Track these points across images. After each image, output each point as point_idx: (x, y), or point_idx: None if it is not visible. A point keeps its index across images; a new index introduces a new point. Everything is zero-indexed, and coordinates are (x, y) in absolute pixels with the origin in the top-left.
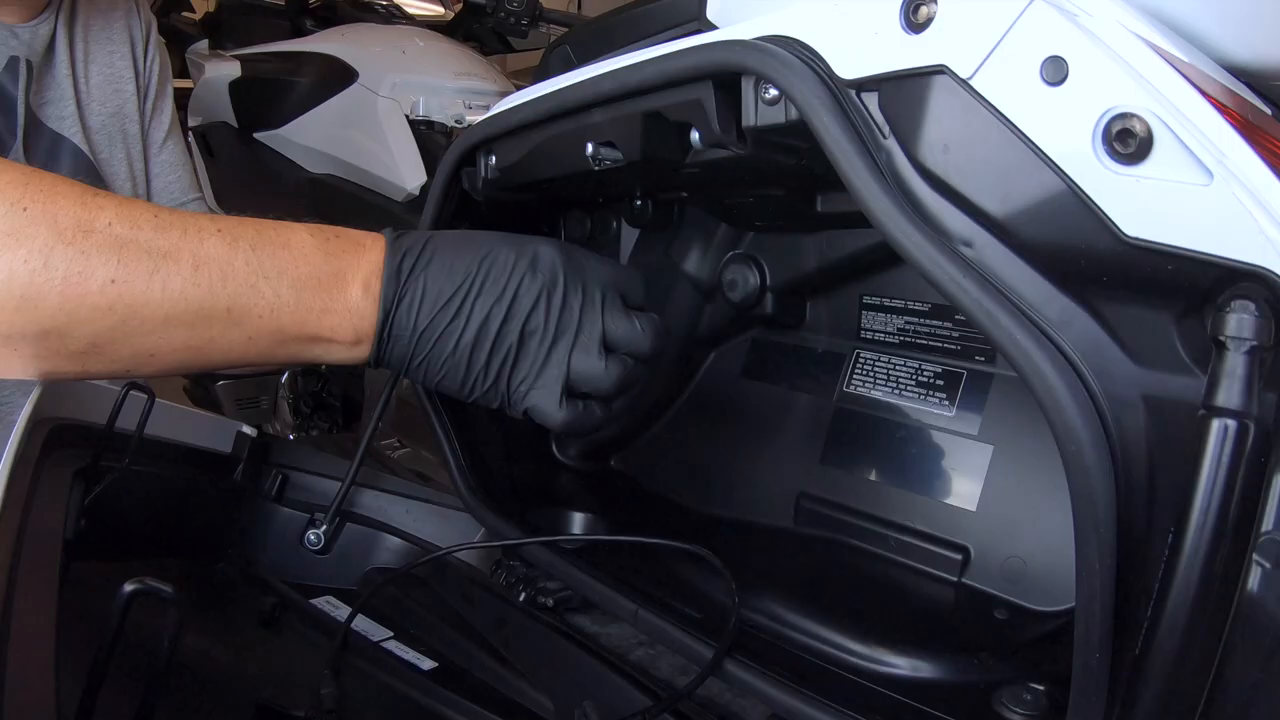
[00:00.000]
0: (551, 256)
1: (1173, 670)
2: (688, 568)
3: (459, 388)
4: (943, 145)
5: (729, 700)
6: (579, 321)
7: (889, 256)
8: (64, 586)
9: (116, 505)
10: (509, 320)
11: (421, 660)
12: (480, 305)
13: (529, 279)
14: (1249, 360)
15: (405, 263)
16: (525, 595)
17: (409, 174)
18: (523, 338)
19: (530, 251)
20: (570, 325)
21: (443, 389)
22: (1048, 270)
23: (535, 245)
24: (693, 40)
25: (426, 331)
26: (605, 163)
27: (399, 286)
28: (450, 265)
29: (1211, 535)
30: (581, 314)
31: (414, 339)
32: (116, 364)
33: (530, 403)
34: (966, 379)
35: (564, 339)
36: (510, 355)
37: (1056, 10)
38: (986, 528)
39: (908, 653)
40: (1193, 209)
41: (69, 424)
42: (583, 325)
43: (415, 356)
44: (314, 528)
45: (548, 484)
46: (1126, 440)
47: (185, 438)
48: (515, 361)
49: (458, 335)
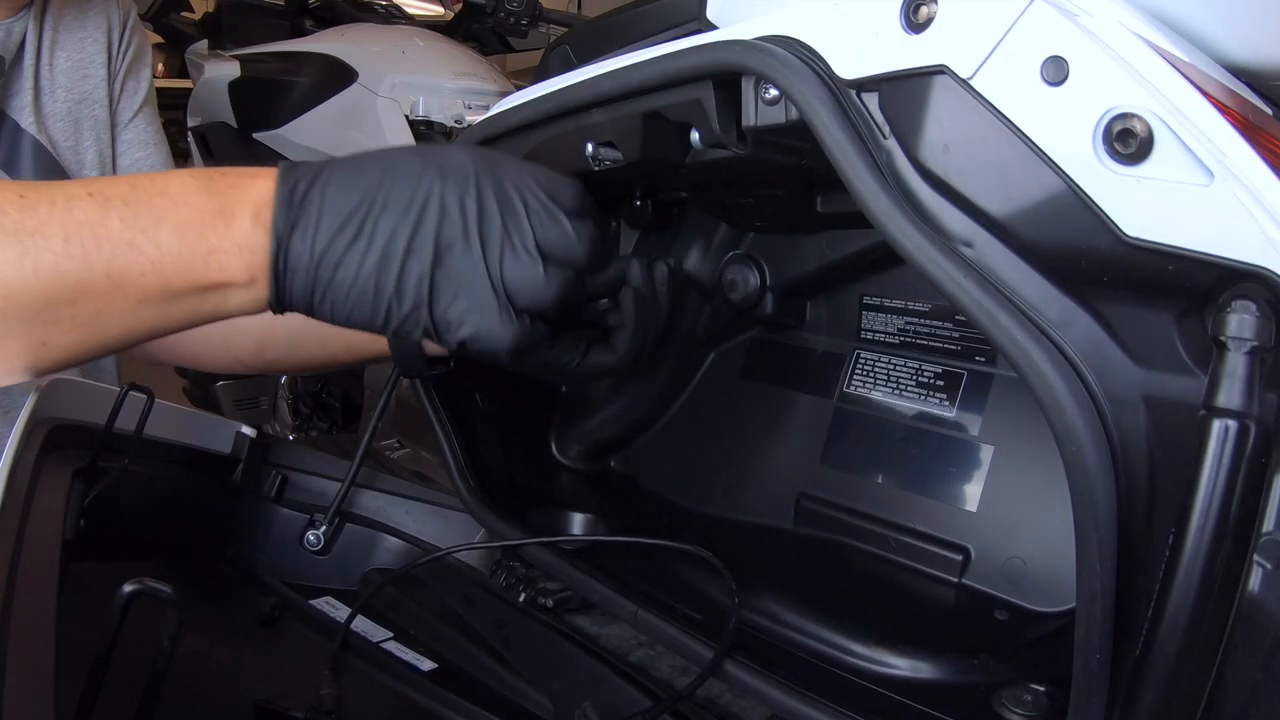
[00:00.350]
0: (461, 159)
1: (1173, 671)
2: (688, 568)
3: (372, 317)
4: (943, 145)
5: (729, 701)
6: (502, 226)
7: (889, 257)
8: (63, 587)
9: (116, 505)
10: (418, 233)
11: (421, 661)
12: (385, 221)
13: (438, 184)
14: (1250, 360)
15: (299, 186)
16: (525, 596)
17: None
18: (439, 252)
19: (438, 158)
20: (494, 232)
21: (356, 324)
22: (1048, 270)
23: (444, 150)
24: (693, 40)
25: (326, 256)
26: (605, 163)
27: (291, 211)
28: (349, 183)
29: (1212, 536)
30: (504, 218)
31: (314, 268)
32: (10, 360)
33: (467, 329)
34: (967, 379)
35: (490, 248)
36: (426, 274)
37: (1057, 10)
38: (987, 528)
39: (908, 653)
40: (1193, 209)
41: (68, 424)
42: (509, 230)
43: (317, 288)
44: (313, 528)
45: (547, 484)
46: (1127, 441)
47: (185, 438)
48: (434, 283)
49: (361, 256)
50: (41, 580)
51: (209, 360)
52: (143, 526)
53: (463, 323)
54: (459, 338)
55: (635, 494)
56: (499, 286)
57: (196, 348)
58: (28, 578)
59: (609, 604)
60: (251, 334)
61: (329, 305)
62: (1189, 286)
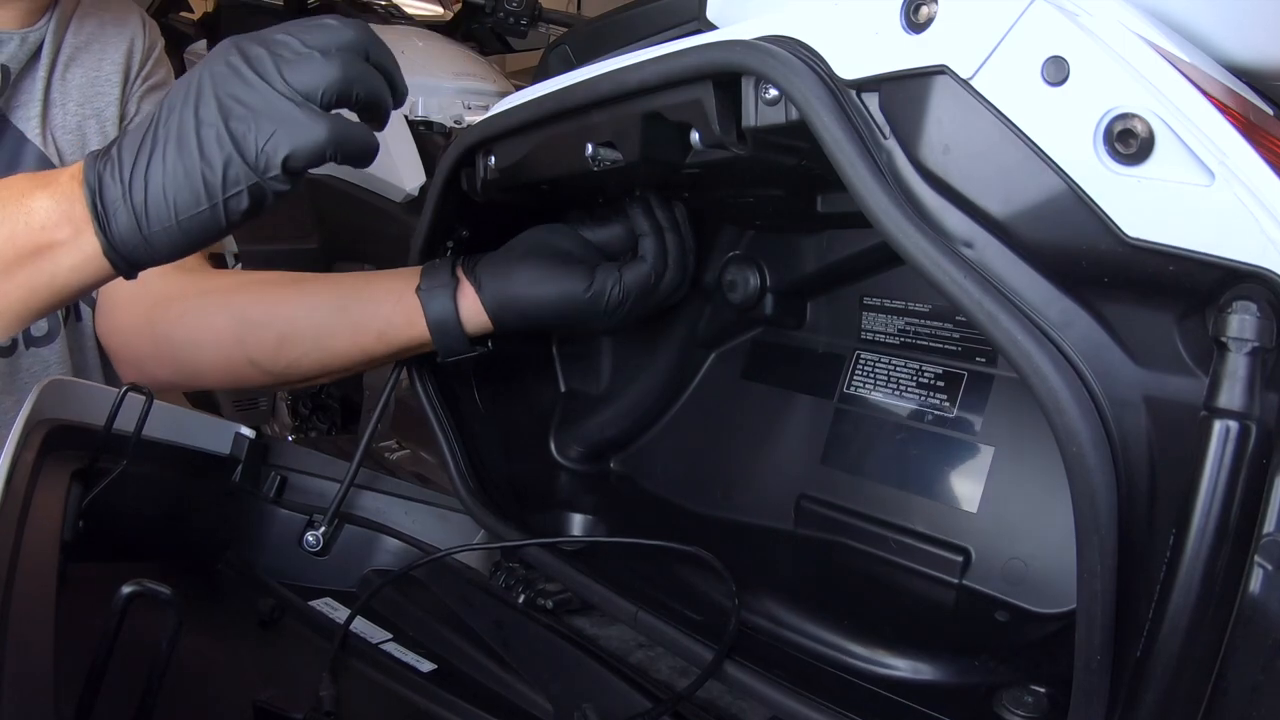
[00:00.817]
0: (216, 50)
1: (1174, 672)
2: (687, 569)
3: (196, 200)
4: (943, 146)
5: (729, 702)
6: (268, 52)
7: (889, 257)
8: (62, 588)
9: (115, 506)
10: (200, 104)
11: (420, 662)
12: (169, 119)
13: (202, 68)
14: (1251, 361)
15: (108, 148)
16: (524, 597)
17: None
18: (224, 106)
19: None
20: (264, 59)
21: (187, 211)
22: (1049, 271)
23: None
24: (692, 40)
25: (134, 176)
26: (605, 163)
27: (98, 160)
28: (139, 125)
29: (1213, 537)
30: (268, 46)
31: (128, 193)
32: None
33: (283, 148)
34: (967, 380)
35: (265, 70)
36: (221, 129)
37: (1057, 10)
38: (987, 529)
39: (908, 655)
40: (1194, 209)
41: (67, 425)
42: (275, 51)
43: (138, 212)
44: (313, 529)
45: (547, 486)
46: (1128, 441)
47: (183, 439)
48: (232, 132)
49: (161, 155)
50: (40, 581)
51: (219, 369)
52: (141, 527)
53: (276, 146)
54: (280, 160)
55: (635, 495)
56: (290, 94)
57: (202, 355)
58: (26, 579)
59: (609, 605)
60: (271, 329)
61: (156, 212)
62: (1190, 287)
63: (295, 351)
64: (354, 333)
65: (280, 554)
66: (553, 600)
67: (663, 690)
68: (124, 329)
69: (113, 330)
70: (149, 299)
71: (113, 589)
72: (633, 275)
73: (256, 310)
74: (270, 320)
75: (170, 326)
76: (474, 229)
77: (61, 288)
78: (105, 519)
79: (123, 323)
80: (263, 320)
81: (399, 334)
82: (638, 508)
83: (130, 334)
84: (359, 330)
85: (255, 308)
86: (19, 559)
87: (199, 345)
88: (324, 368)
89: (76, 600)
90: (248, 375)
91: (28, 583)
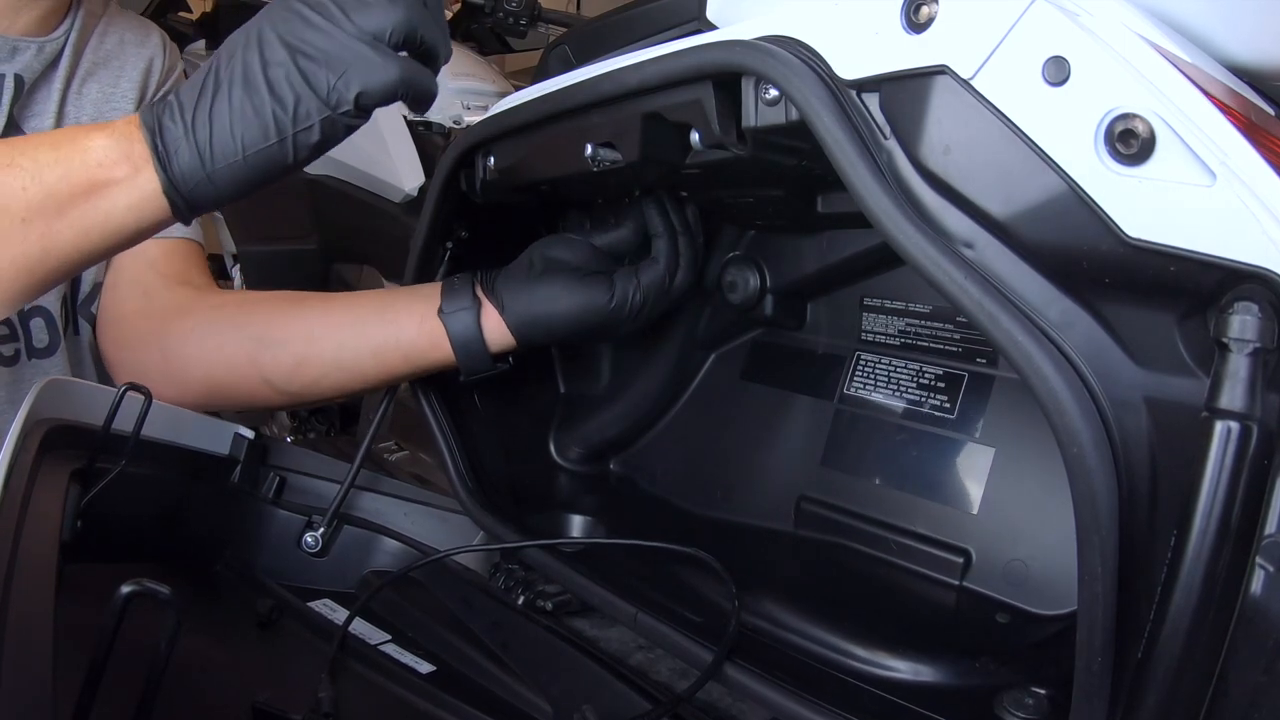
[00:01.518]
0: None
1: (1175, 674)
2: (687, 571)
3: (271, 127)
4: (944, 146)
5: (729, 704)
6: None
7: (890, 258)
8: (61, 588)
9: (113, 507)
10: (264, 47)
11: (419, 663)
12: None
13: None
14: (1252, 362)
15: (158, 99)
16: (524, 599)
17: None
18: (291, 48)
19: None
20: (329, 8)
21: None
22: (1049, 272)
23: None
24: (692, 40)
25: (197, 117)
26: (604, 164)
27: (155, 107)
28: (194, 75)
29: (1214, 538)
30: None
31: (191, 132)
32: None
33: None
34: (968, 381)
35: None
36: (291, 68)
37: (1058, 10)
38: (988, 531)
39: (909, 656)
40: (1195, 210)
41: (65, 425)
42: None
43: (202, 149)
44: (312, 530)
45: (546, 487)
46: (1129, 442)
47: (182, 439)
48: (303, 70)
49: (226, 97)
50: (38, 582)
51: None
52: (140, 528)
53: (349, 84)
54: (353, 97)
55: (635, 496)
56: (360, 35)
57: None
58: (24, 579)
59: (608, 607)
60: (289, 349)
61: (221, 157)
62: (1191, 288)
63: (314, 372)
64: (376, 354)
65: (279, 555)
66: (552, 602)
67: (663, 692)
68: (130, 342)
69: (118, 344)
70: (157, 313)
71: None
72: (649, 277)
73: (273, 329)
74: (288, 339)
75: (181, 342)
76: (473, 229)
77: (116, 229)
78: (104, 519)
79: (129, 336)
80: (280, 339)
81: (423, 356)
82: (637, 509)
83: (137, 348)
84: (381, 351)
85: (272, 326)
86: (17, 559)
87: (211, 363)
88: (342, 389)
89: (75, 600)
90: (261, 395)
91: (26, 583)
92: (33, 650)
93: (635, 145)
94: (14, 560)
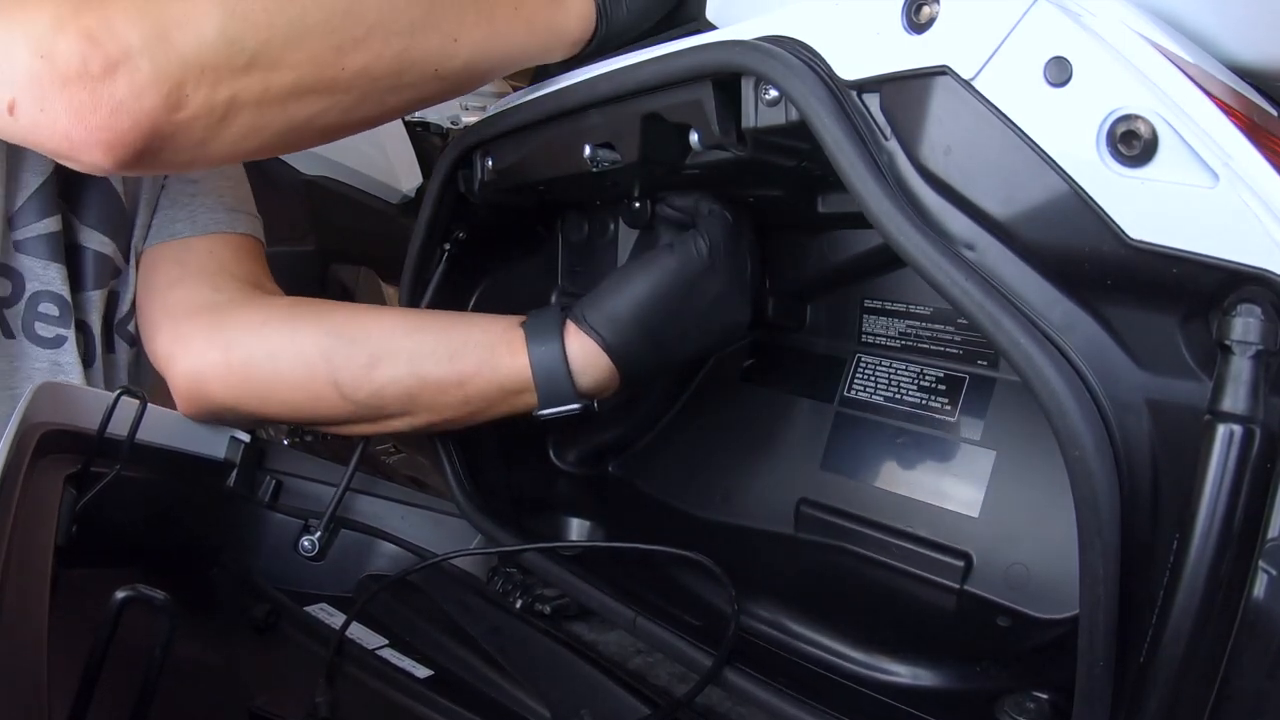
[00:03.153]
0: None
1: (1177, 678)
2: (686, 575)
3: None
4: (945, 147)
5: (728, 709)
6: None
7: (890, 259)
8: (55, 593)
9: (108, 511)
10: None
11: (417, 668)
12: None
13: None
14: (1255, 365)
15: None
16: (522, 602)
17: (404, 176)
18: None
19: None
20: None
21: None
22: (1051, 273)
23: None
24: (692, 40)
25: None
26: (603, 164)
27: None
28: None
29: (1217, 542)
30: None
31: None
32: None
33: None
34: (969, 384)
35: None
36: None
37: (1060, 10)
38: (989, 534)
39: (909, 661)
40: (1198, 211)
41: (60, 429)
42: None
43: None
44: (308, 534)
45: (545, 490)
46: (1130, 445)
47: (178, 443)
48: None
49: None
50: (33, 587)
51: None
52: (136, 532)
53: None
54: None
55: (633, 499)
56: None
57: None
58: (19, 584)
59: (607, 610)
60: (365, 346)
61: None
62: (1193, 289)
63: (387, 373)
64: (451, 359)
65: (276, 559)
66: (550, 605)
67: (661, 696)
68: (186, 336)
69: (172, 338)
70: (225, 307)
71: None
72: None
73: (351, 326)
74: (365, 337)
75: (249, 338)
76: (471, 231)
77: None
78: (99, 524)
79: (185, 331)
80: (357, 336)
81: (500, 363)
82: (636, 512)
83: (195, 342)
84: (456, 357)
85: (349, 324)
86: (11, 564)
87: (279, 360)
88: (412, 398)
89: (70, 605)
90: (326, 401)
91: (21, 588)
92: (27, 656)
93: (634, 146)
94: (8, 565)
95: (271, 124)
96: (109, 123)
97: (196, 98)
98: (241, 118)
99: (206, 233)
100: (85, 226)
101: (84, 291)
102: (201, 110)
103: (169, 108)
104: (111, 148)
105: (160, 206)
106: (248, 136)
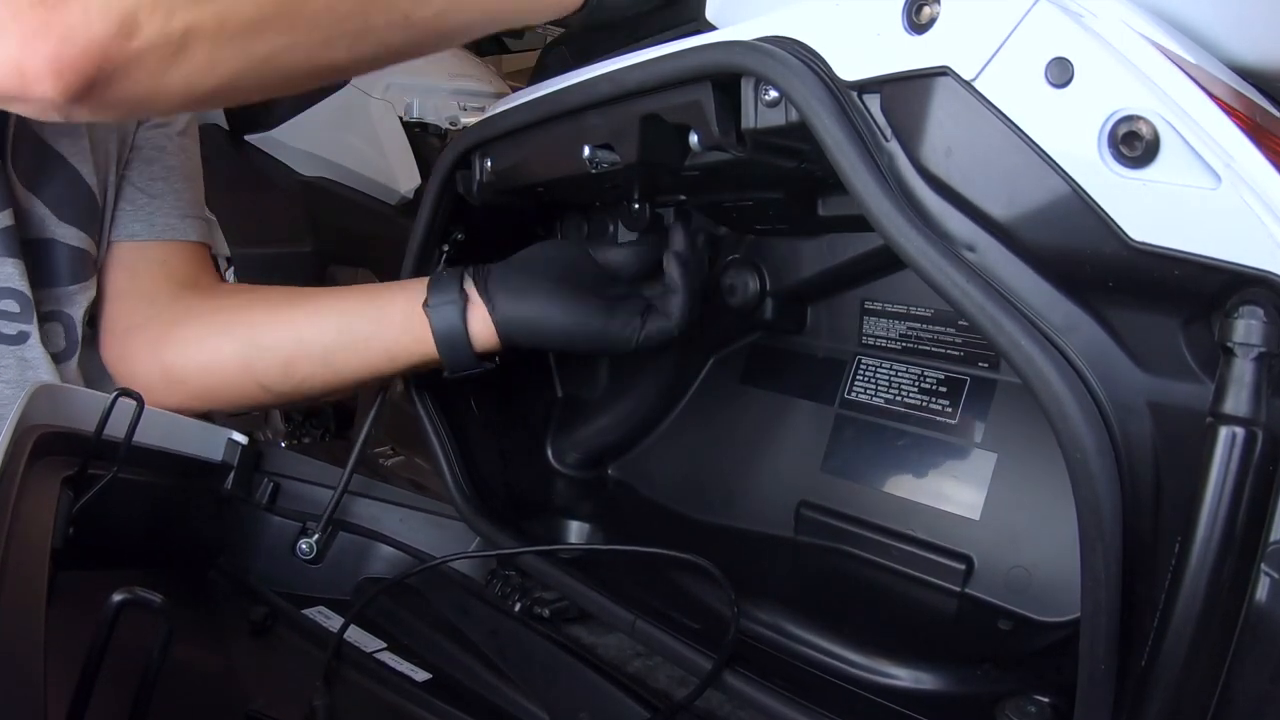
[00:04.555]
0: None
1: (1179, 682)
2: (686, 578)
3: None
4: (946, 148)
5: (728, 712)
6: None
7: (891, 261)
8: (52, 595)
9: (106, 513)
10: None
11: (415, 671)
12: None
13: None
14: (1257, 367)
15: None
16: (521, 605)
17: (403, 177)
18: None
19: None
20: None
21: None
22: (1052, 275)
23: None
24: (691, 41)
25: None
26: (602, 166)
27: None
28: None
29: (1219, 544)
30: None
31: None
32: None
33: None
34: (970, 385)
35: None
36: None
37: (1061, 11)
38: (990, 537)
39: (910, 664)
40: (1200, 213)
41: (57, 431)
42: None
43: None
44: (306, 537)
45: (544, 492)
46: (1132, 448)
47: (175, 445)
48: None
49: None
50: (30, 589)
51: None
52: (133, 535)
53: None
54: None
55: (633, 502)
56: None
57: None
58: (15, 587)
59: (606, 614)
60: (279, 352)
61: None
62: (1195, 291)
63: (302, 372)
64: (361, 352)
65: (273, 561)
66: (549, 608)
67: (661, 699)
68: (130, 356)
69: (120, 357)
70: (161, 324)
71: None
72: (655, 327)
73: (264, 334)
74: (278, 344)
75: (179, 354)
76: (469, 232)
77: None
78: (96, 526)
79: (131, 350)
80: (270, 344)
81: (406, 351)
82: (636, 515)
83: (137, 361)
84: (366, 349)
85: (263, 331)
86: (8, 566)
87: (210, 372)
88: (330, 387)
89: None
90: (258, 398)
91: (17, 590)
92: (24, 659)
93: (634, 147)
94: (5, 567)
95: (229, 60)
96: (58, 50)
97: (150, 26)
98: (197, 51)
99: (161, 239)
100: (61, 222)
101: (59, 287)
102: (156, 39)
103: (121, 34)
104: (60, 75)
105: (122, 197)
106: (204, 73)
